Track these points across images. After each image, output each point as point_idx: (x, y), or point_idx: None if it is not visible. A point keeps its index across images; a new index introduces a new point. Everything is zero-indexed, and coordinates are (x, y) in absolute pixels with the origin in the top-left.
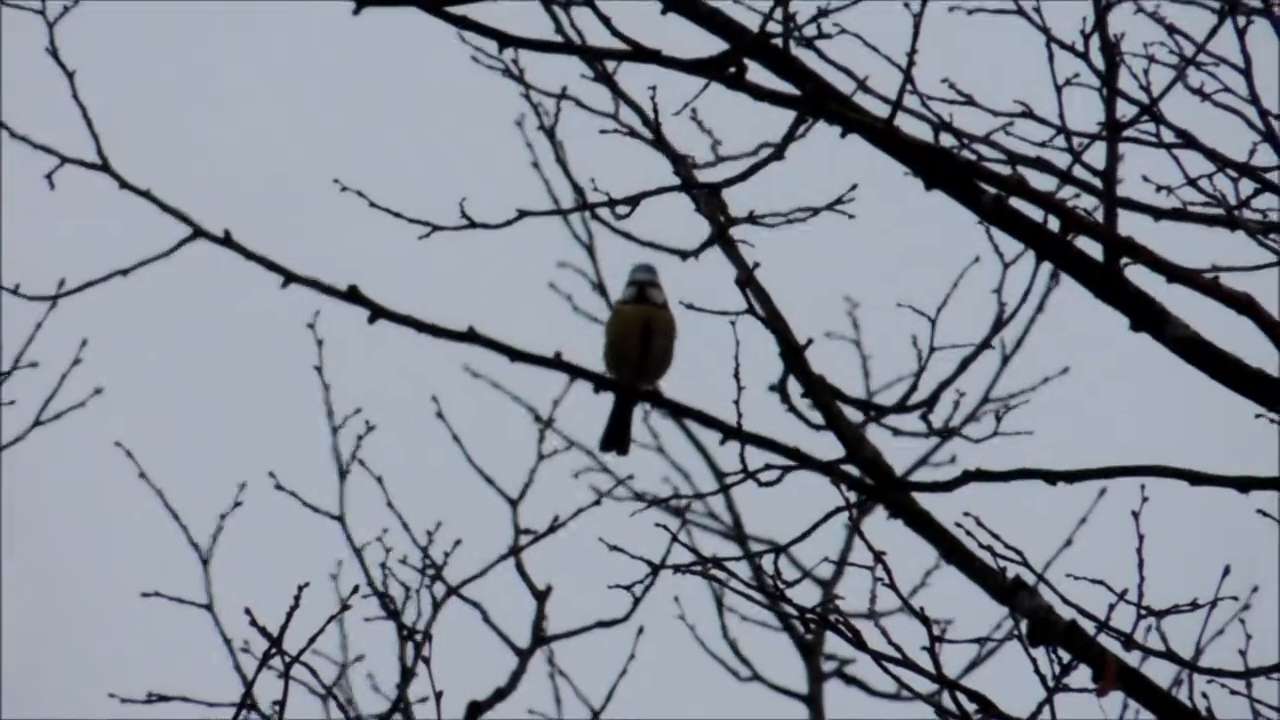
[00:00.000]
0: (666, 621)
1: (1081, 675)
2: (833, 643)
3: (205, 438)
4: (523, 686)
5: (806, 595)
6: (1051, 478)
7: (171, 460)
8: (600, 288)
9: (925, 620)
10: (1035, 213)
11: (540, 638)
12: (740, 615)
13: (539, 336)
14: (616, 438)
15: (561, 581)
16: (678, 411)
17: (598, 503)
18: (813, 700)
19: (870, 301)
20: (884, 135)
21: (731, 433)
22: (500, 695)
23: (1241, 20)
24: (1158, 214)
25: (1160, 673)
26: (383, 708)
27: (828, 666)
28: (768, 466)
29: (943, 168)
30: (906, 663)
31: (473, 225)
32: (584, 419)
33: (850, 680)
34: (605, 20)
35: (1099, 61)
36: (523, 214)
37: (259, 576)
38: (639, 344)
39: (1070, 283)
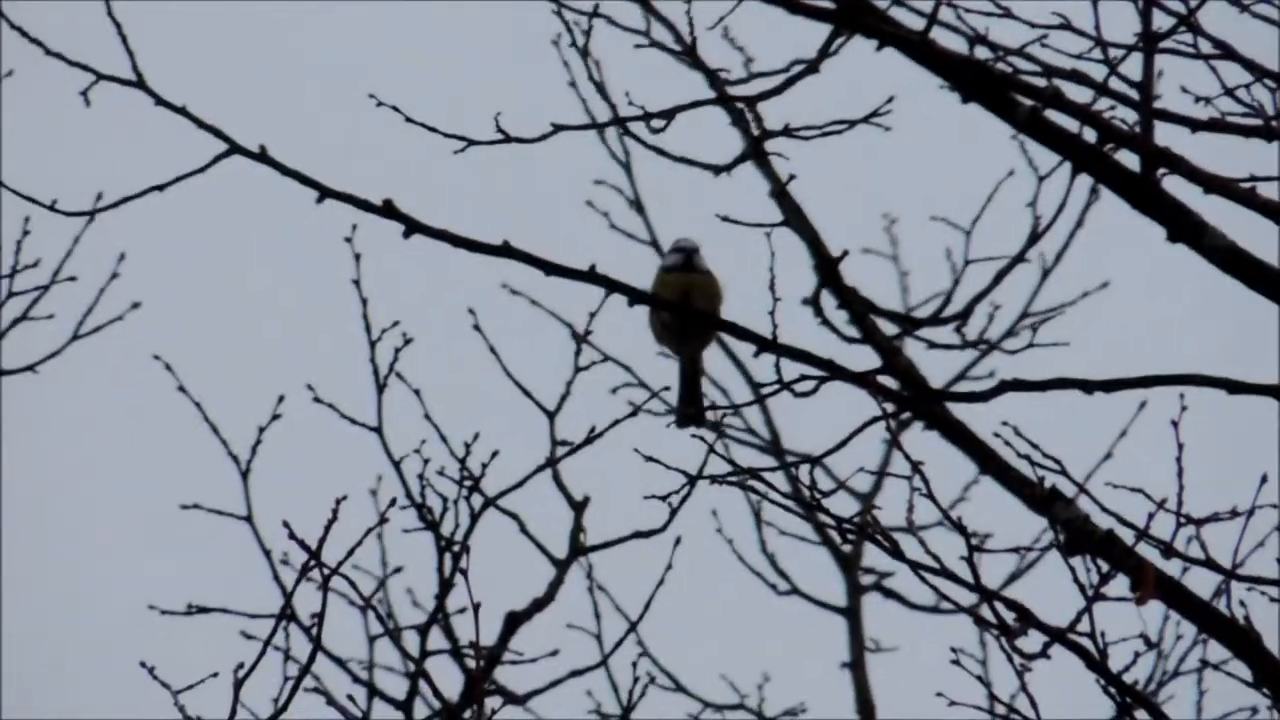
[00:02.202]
0: (705, 535)
1: (1120, 584)
2: (871, 556)
3: (243, 352)
4: (561, 598)
5: (845, 508)
6: (1089, 387)
7: (210, 374)
8: (637, 205)
9: (964, 530)
10: (1072, 125)
11: (577, 548)
12: (778, 529)
13: (577, 252)
14: (692, 411)
15: (599, 493)
16: (712, 323)
17: (634, 414)
18: (852, 613)
19: (907, 216)
20: (919, 48)
21: (766, 345)
22: (538, 606)
23: None
24: (1195, 125)
25: (1200, 582)
26: (422, 619)
27: (866, 580)
28: (803, 377)
29: (979, 80)
30: (945, 573)
31: (508, 140)
32: (620, 333)
33: (889, 593)
34: None
35: None
36: (557, 128)
37: (298, 489)
38: (679, 305)
39: (1109, 197)
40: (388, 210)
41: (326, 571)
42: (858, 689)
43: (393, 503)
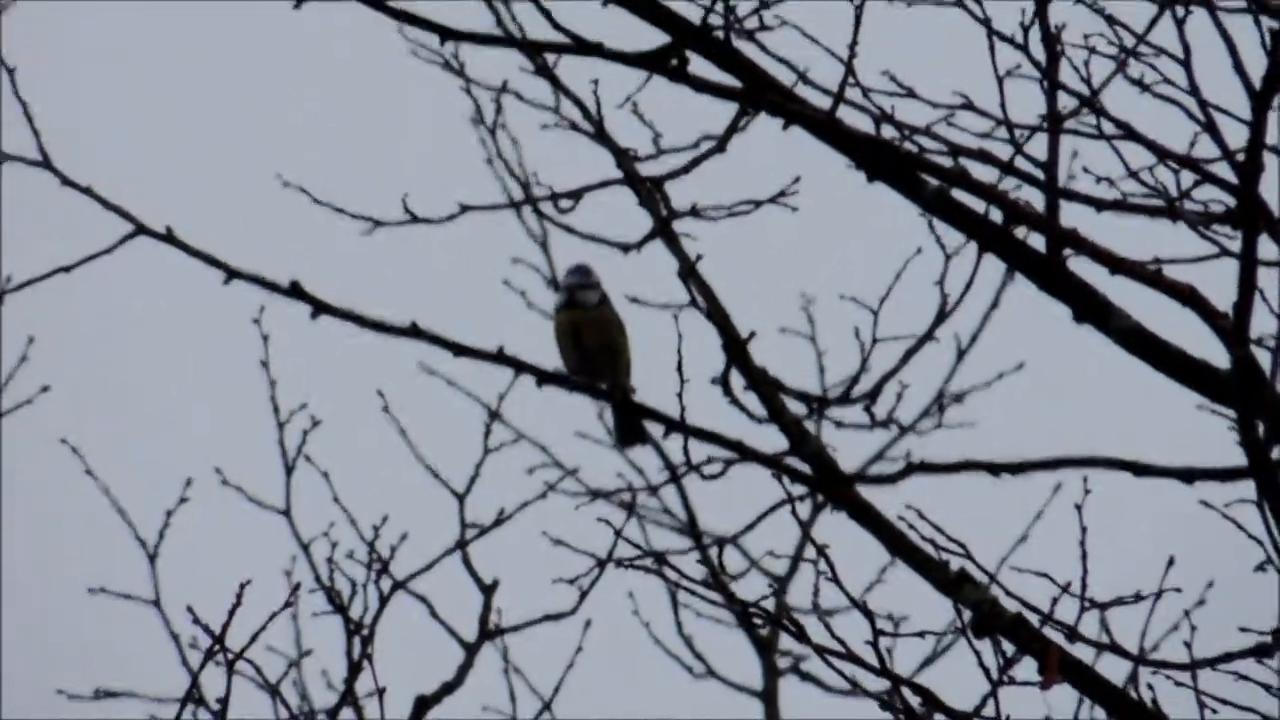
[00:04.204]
0: (621, 616)
1: (1028, 668)
2: (788, 639)
3: (151, 434)
4: (476, 680)
5: (760, 590)
6: (996, 470)
7: (118, 457)
8: (554, 283)
9: (869, 615)
10: (978, 204)
11: (487, 631)
12: (695, 611)
13: (495, 333)
14: (629, 431)
15: (512, 576)
16: (621, 407)
17: (544, 496)
18: (768, 696)
19: (818, 294)
20: (826, 127)
21: (674, 425)
22: (448, 689)
23: (1181, 11)
24: (1100, 205)
25: (1113, 668)
26: (334, 702)
27: (783, 663)
28: (711, 460)
29: (885, 159)
30: (852, 658)
31: (415, 220)
32: (532, 416)
33: (805, 676)
34: (546, 14)
35: (1040, 53)
36: (465, 209)
37: (207, 572)
38: (572, 347)
39: (1021, 277)
40: (295, 291)
41: (231, 656)
42: None
43: (297, 587)
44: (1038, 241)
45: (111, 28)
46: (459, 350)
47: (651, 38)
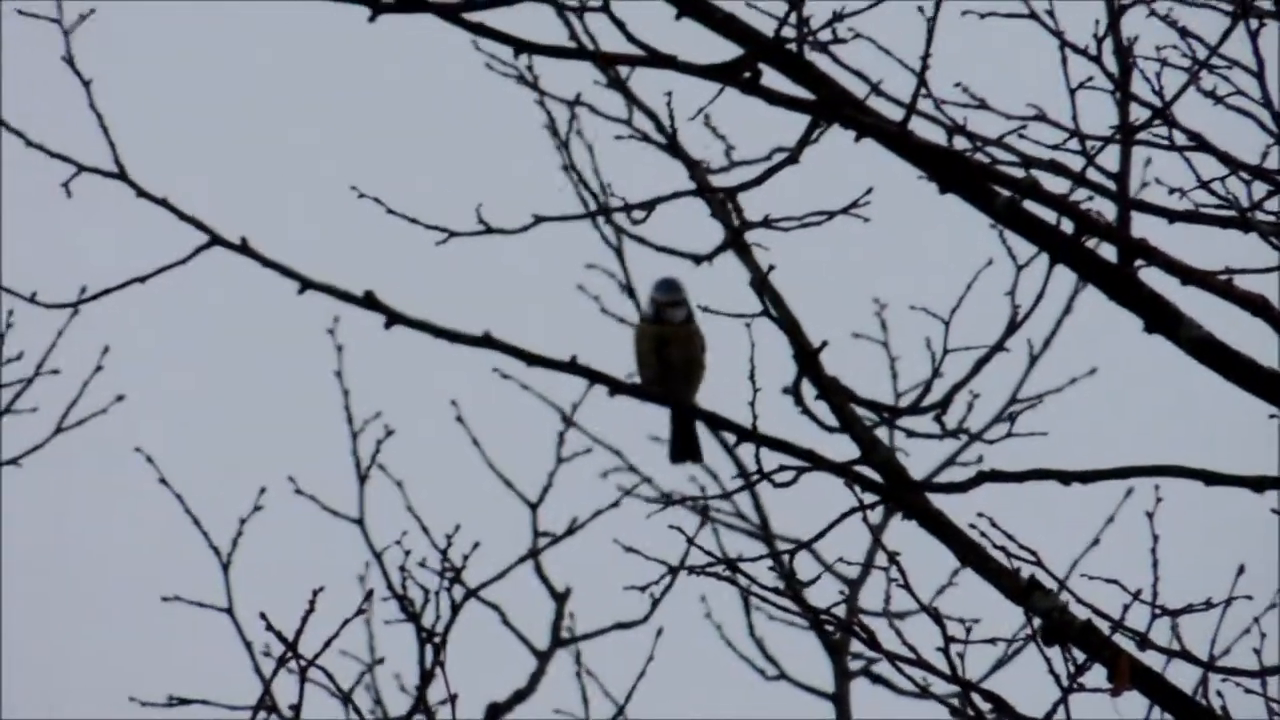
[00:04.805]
0: (694, 620)
1: (1097, 675)
2: (859, 642)
3: (225, 443)
4: (549, 687)
5: (832, 594)
6: (1066, 478)
7: (192, 466)
8: (629, 289)
9: (940, 621)
10: (1049, 215)
11: (559, 639)
12: (767, 614)
13: (568, 343)
14: (685, 448)
15: (584, 581)
16: (694, 415)
17: (616, 504)
18: (839, 699)
19: (889, 304)
20: (898, 139)
21: (745, 435)
22: (519, 697)
23: (1254, 23)
24: (1171, 216)
25: (1182, 674)
26: (407, 709)
27: (854, 665)
28: (782, 468)
29: (957, 171)
30: (922, 663)
31: (489, 231)
32: (607, 421)
33: (876, 679)
34: (620, 25)
35: (1112, 65)
36: (539, 219)
37: (281, 581)
38: (654, 360)
39: (1092, 287)
40: (369, 301)
41: (304, 663)
42: None
43: (369, 594)
44: (1109, 252)
45: (186, 37)
46: (532, 360)
47: (725, 50)
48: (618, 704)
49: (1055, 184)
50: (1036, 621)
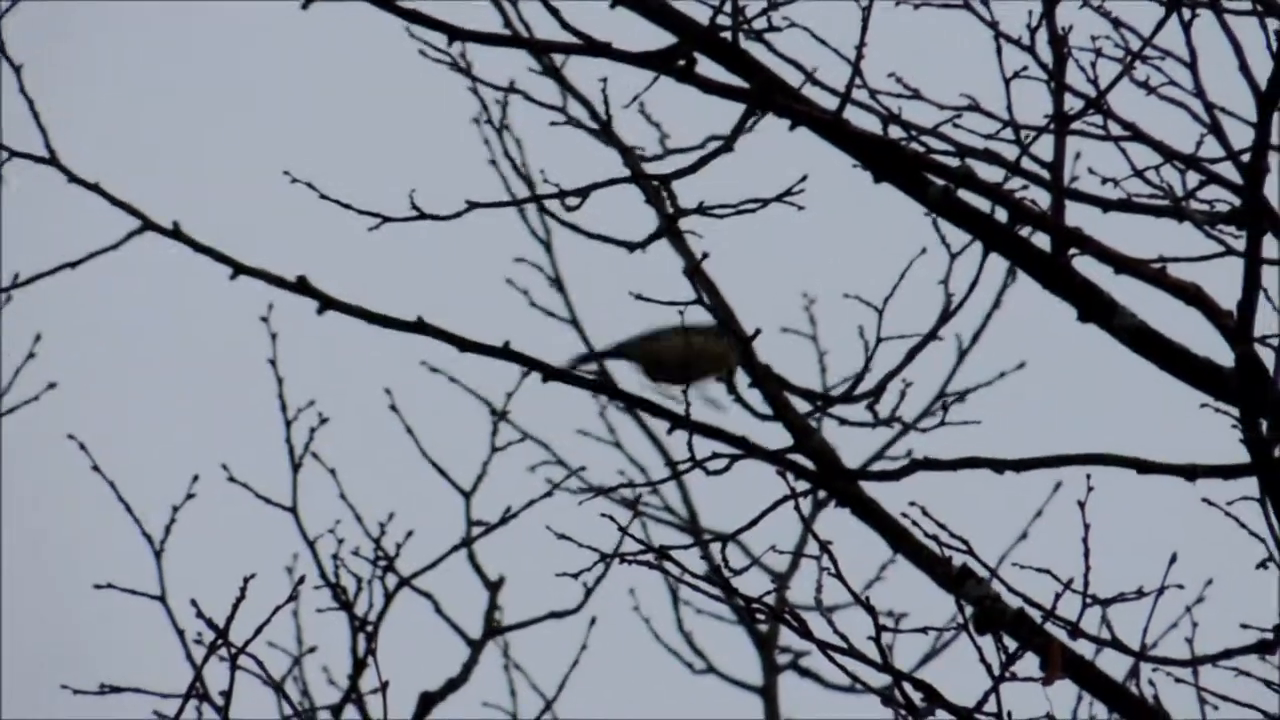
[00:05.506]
0: (623, 613)
1: (1029, 664)
2: (788, 635)
3: (158, 430)
4: (478, 678)
5: (761, 586)
6: (999, 466)
7: (125, 453)
8: (557, 282)
9: (871, 610)
10: (983, 204)
11: (492, 628)
12: (695, 608)
13: (497, 330)
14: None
15: (516, 573)
16: (627, 401)
17: (549, 494)
18: (767, 692)
19: (823, 293)
20: (833, 127)
21: (678, 421)
22: (452, 686)
23: (1187, 14)
24: (1105, 205)
25: (1114, 664)
26: (338, 699)
27: (783, 659)
28: (714, 455)
29: (891, 160)
30: (854, 653)
31: (422, 216)
32: (538, 411)
33: (805, 673)
34: (554, 13)
35: (1047, 55)
36: (472, 205)
37: (213, 568)
38: (680, 367)
39: (1024, 277)
40: (301, 287)
41: (234, 650)
42: None
43: (301, 580)
44: (1043, 241)
45: (114, 23)
46: (465, 345)
47: (659, 38)
48: (545, 698)
49: (990, 173)
50: (969, 610)
